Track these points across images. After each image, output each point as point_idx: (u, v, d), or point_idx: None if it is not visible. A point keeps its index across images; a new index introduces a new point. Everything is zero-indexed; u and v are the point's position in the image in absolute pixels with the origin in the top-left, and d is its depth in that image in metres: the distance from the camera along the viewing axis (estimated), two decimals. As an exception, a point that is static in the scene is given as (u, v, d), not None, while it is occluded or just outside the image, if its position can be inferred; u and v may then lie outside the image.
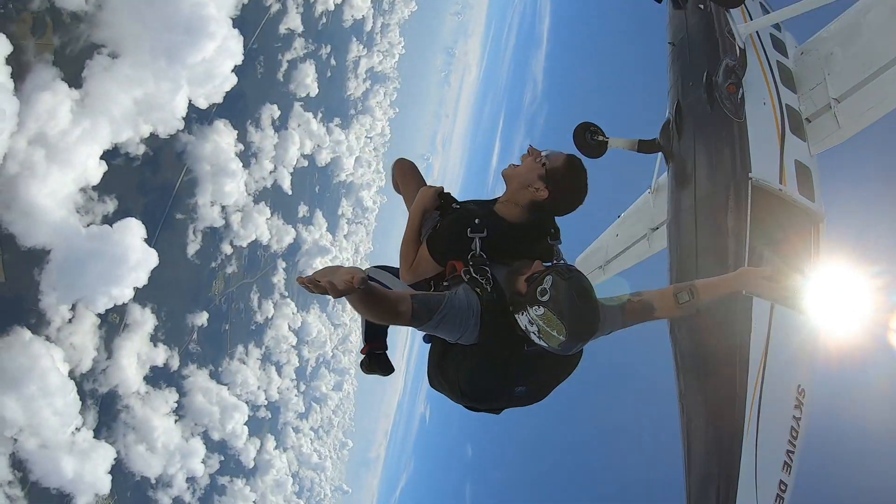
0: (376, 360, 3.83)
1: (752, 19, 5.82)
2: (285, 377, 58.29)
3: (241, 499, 47.56)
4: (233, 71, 33.65)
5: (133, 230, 28.83)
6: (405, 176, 3.66)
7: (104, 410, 31.23)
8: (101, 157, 26.73)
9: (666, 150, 5.99)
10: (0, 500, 22.87)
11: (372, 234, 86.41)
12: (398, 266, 3.30)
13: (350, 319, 79.72)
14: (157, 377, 36.71)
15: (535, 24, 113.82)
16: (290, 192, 52.18)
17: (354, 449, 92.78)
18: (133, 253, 28.55)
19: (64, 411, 25.04)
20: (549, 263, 2.78)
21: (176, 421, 38.14)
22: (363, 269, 2.56)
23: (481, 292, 2.74)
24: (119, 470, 31.09)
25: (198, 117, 36.61)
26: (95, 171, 26.55)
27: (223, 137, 39.09)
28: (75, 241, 25.82)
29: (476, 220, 3.02)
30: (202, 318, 42.17)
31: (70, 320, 27.34)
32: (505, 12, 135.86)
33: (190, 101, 31.71)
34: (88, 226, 27.40)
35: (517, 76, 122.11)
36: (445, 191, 3.35)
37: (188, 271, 40.64)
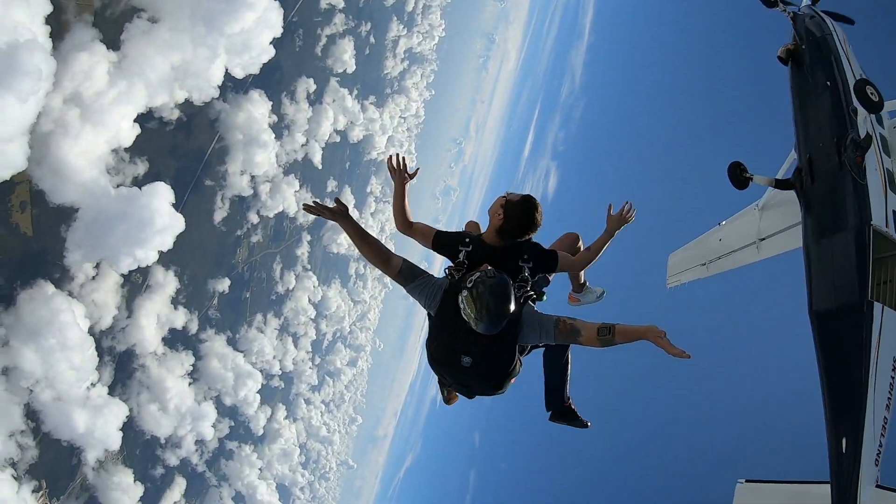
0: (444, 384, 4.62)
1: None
2: (301, 349, 58.97)
3: (247, 465, 48.40)
4: (271, 43, 33.39)
5: (161, 194, 28.83)
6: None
7: (120, 368, 31.75)
8: (135, 120, 26.76)
9: (799, 191, 7.68)
10: (12, 449, 23.47)
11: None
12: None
13: (370, 297, 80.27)
14: (175, 339, 37.30)
15: (578, 16, 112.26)
16: (320, 167, 52.20)
17: (363, 425, 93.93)
18: (160, 216, 28.54)
19: (81, 366, 25.32)
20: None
21: (190, 384, 38.71)
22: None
23: (450, 278, 3.99)
24: (130, 427, 31.70)
25: (233, 86, 36.67)
26: (128, 133, 26.56)
27: (257, 108, 39.11)
28: (104, 202, 25.95)
29: (466, 240, 4.27)
30: (224, 285, 42.61)
31: (93, 278, 27.75)
32: (548, 1, 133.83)
33: (226, 69, 31.60)
34: (118, 187, 27.55)
35: (556, 67, 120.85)
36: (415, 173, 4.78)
37: (213, 237, 40.94)
